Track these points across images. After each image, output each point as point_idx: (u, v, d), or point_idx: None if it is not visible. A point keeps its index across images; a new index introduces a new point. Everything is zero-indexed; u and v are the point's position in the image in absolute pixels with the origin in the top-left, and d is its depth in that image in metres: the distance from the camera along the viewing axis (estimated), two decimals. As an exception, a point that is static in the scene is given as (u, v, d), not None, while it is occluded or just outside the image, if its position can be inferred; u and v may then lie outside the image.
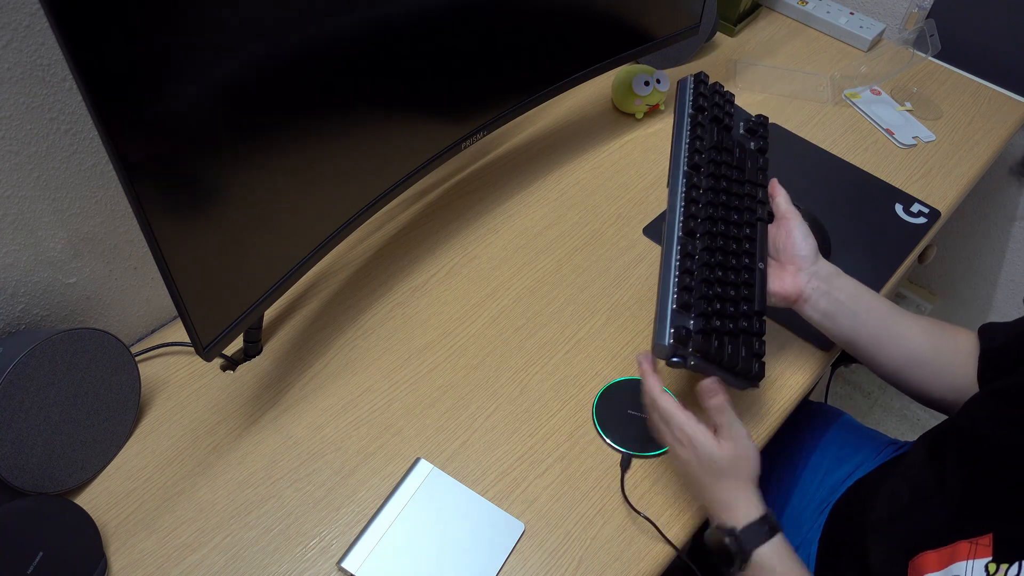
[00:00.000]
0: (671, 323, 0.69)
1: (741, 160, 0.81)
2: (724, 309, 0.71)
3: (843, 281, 0.76)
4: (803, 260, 0.75)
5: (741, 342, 0.71)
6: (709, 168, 0.78)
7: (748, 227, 0.77)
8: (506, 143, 1.12)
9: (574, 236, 0.99)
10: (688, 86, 0.84)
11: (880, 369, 0.78)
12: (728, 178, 0.79)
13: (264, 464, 0.77)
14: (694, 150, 0.79)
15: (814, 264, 0.76)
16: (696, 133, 0.80)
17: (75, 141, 0.70)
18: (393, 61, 0.75)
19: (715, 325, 0.70)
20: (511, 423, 0.81)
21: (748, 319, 0.72)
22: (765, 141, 0.85)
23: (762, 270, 0.75)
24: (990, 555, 0.56)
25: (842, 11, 1.33)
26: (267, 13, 0.60)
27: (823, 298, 0.75)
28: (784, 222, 0.77)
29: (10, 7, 0.60)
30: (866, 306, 0.75)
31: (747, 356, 0.71)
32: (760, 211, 0.78)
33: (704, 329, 0.69)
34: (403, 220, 1.01)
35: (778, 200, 0.79)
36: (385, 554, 0.71)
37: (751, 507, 0.66)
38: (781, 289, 0.75)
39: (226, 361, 0.85)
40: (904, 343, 0.75)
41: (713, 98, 0.83)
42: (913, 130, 1.16)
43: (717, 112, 0.83)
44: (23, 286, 0.74)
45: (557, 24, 0.92)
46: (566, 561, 0.72)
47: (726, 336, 0.70)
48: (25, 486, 0.69)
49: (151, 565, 0.70)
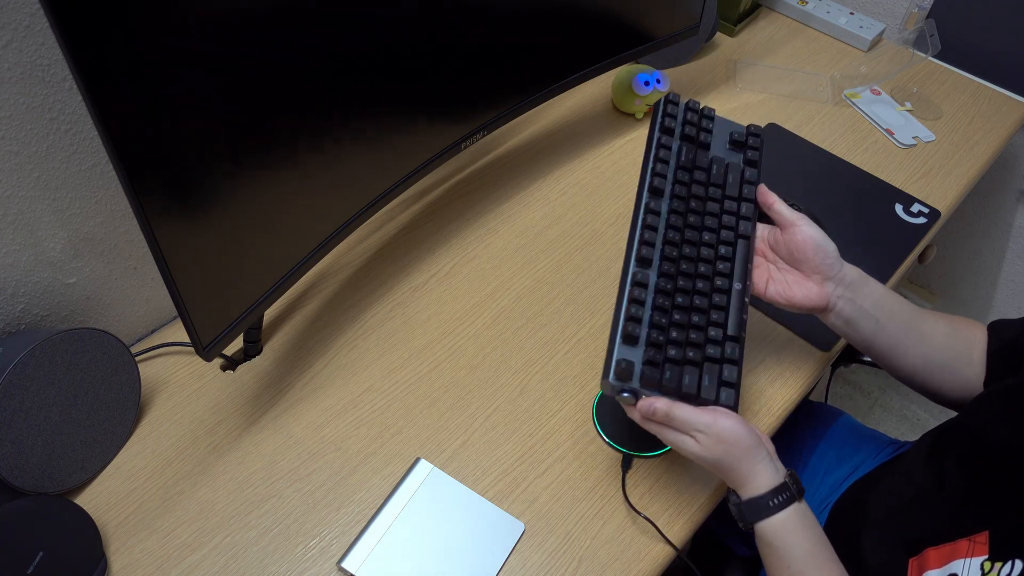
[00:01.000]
0: (615, 357, 0.66)
1: (719, 176, 0.77)
2: (681, 337, 0.68)
3: (869, 287, 0.73)
4: (828, 267, 0.71)
5: (704, 371, 0.67)
6: (672, 190, 0.75)
7: (725, 246, 0.73)
8: (506, 143, 1.12)
9: (574, 236, 0.99)
10: (658, 109, 0.80)
11: (897, 372, 0.77)
12: (699, 197, 0.75)
13: (264, 464, 0.77)
14: (655, 174, 0.76)
15: (840, 270, 0.72)
16: (659, 156, 0.77)
17: (75, 141, 0.70)
18: (393, 61, 0.75)
19: (669, 355, 0.66)
20: (511, 423, 0.81)
21: (717, 345, 0.68)
22: (755, 151, 0.79)
23: (739, 291, 0.71)
24: (986, 553, 0.56)
25: (842, 11, 1.33)
26: (267, 13, 0.60)
27: (848, 305, 0.72)
28: (793, 229, 0.72)
29: (10, 7, 0.61)
30: (888, 311, 0.73)
31: (710, 386, 0.66)
32: (743, 227, 0.74)
33: (653, 360, 0.66)
34: (403, 220, 1.01)
35: (776, 208, 0.74)
36: (385, 554, 0.71)
37: (759, 480, 0.64)
38: (807, 300, 0.72)
39: (226, 361, 0.85)
40: (923, 347, 0.74)
41: (685, 116, 0.80)
42: (913, 130, 1.16)
43: (689, 130, 0.79)
44: (23, 286, 0.74)
45: (557, 24, 0.92)
46: (566, 561, 0.72)
47: (685, 365, 0.67)
48: (25, 486, 0.69)
49: (151, 565, 0.70)
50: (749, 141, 0.80)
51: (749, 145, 0.80)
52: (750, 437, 0.65)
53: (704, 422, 0.64)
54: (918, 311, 0.75)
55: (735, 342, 0.68)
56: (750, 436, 0.65)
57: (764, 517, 0.64)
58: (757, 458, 0.65)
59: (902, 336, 0.74)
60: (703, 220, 0.74)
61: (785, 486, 0.64)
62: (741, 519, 0.66)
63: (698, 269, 0.72)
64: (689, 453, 0.65)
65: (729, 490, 0.67)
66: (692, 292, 0.70)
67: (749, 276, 0.73)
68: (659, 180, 0.75)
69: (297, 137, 0.69)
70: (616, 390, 0.66)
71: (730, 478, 0.66)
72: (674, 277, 0.71)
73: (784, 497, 0.64)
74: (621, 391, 0.66)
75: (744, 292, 0.71)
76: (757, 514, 0.64)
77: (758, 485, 0.64)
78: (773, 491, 0.64)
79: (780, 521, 0.64)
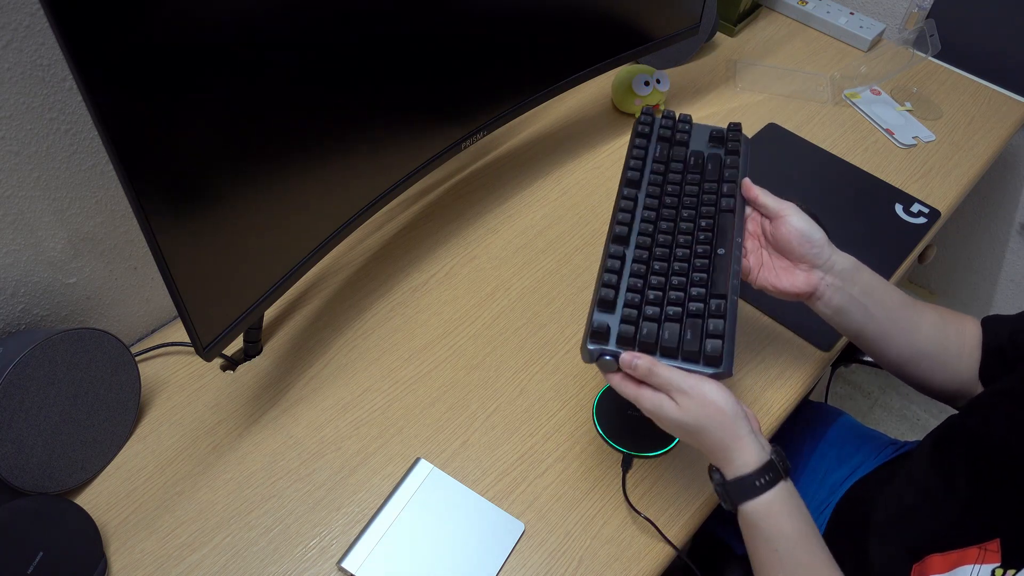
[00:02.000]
0: (593, 322, 0.66)
1: (697, 165, 0.79)
2: (658, 298, 0.68)
3: (861, 275, 0.72)
4: (815, 256, 0.71)
5: (685, 325, 0.66)
6: (648, 179, 0.78)
7: (706, 219, 0.74)
8: (506, 143, 1.12)
9: (574, 236, 0.99)
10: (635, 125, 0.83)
11: (885, 361, 0.76)
12: (675, 183, 0.77)
13: (264, 464, 0.77)
14: (630, 168, 0.78)
15: (829, 258, 0.71)
16: (634, 155, 0.80)
17: (75, 141, 0.70)
18: (393, 61, 0.75)
19: (647, 313, 0.66)
20: (511, 423, 0.81)
21: (699, 301, 0.68)
22: (735, 143, 0.81)
23: (722, 255, 0.71)
24: (998, 561, 0.55)
25: (842, 11, 1.33)
26: (268, 14, 0.60)
27: (837, 294, 0.71)
28: (779, 220, 0.72)
29: (10, 7, 0.61)
30: (877, 299, 0.72)
31: (692, 339, 0.64)
32: (725, 203, 0.75)
33: (629, 318, 0.66)
34: (403, 220, 1.01)
35: (761, 200, 0.74)
36: (385, 554, 0.71)
37: (744, 454, 0.62)
38: (792, 287, 0.71)
39: (226, 361, 0.85)
40: (911, 337, 0.73)
41: (660, 122, 0.83)
42: (913, 130, 1.16)
43: (664, 133, 0.82)
44: (23, 286, 0.74)
45: (557, 24, 0.92)
46: (566, 561, 0.72)
47: (665, 322, 0.66)
48: (25, 486, 0.69)
49: (151, 565, 0.70)
50: (729, 135, 0.82)
51: (730, 139, 0.81)
52: (735, 407, 0.62)
53: (688, 383, 0.62)
54: (909, 301, 0.75)
55: (720, 299, 0.68)
56: (735, 406, 0.63)
57: (751, 498, 0.61)
58: (741, 430, 0.62)
59: (890, 326, 0.73)
60: (680, 200, 0.76)
61: (771, 464, 0.62)
62: (725, 499, 0.63)
63: (676, 240, 0.73)
64: (668, 418, 0.63)
65: (711, 468, 0.65)
66: (671, 259, 0.71)
67: (737, 246, 0.72)
68: (633, 173, 0.78)
69: (297, 137, 0.69)
70: (594, 355, 0.65)
71: (712, 449, 0.63)
72: (650, 249, 0.72)
73: (771, 476, 0.61)
74: (600, 355, 0.64)
75: (729, 256, 0.71)
76: (743, 495, 0.62)
77: (744, 462, 0.62)
78: (760, 470, 0.61)
79: (767, 502, 0.61)
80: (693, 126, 0.83)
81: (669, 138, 0.82)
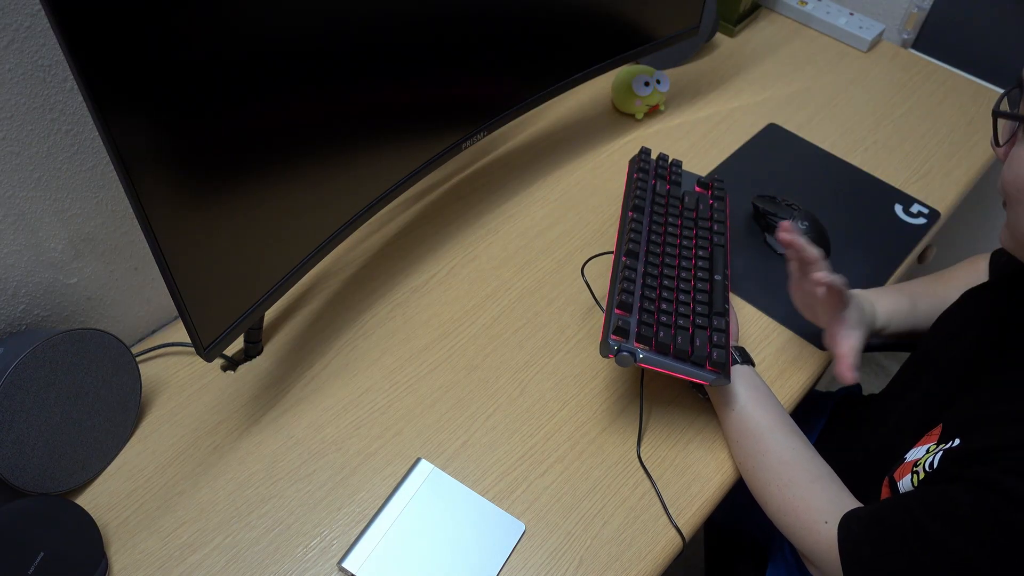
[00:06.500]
0: (612, 321, 0.73)
1: (691, 203, 0.90)
2: (670, 308, 0.77)
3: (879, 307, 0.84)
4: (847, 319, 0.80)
5: (694, 334, 0.74)
6: (652, 207, 0.88)
7: (703, 249, 0.84)
8: (506, 143, 1.12)
9: (574, 236, 0.99)
10: (634, 161, 0.94)
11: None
12: (675, 214, 0.88)
13: (265, 464, 0.77)
14: (635, 196, 0.88)
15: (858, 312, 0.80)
16: (637, 184, 0.90)
17: (76, 142, 0.70)
18: (393, 61, 0.75)
19: (661, 319, 0.75)
20: (511, 423, 0.81)
21: (704, 317, 0.77)
22: (720, 190, 0.93)
23: (719, 280, 0.81)
24: (935, 441, 0.64)
25: (842, 11, 1.33)
26: (268, 14, 0.60)
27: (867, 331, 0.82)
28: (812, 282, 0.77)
29: (11, 7, 0.61)
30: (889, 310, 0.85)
31: (702, 346, 0.73)
32: (717, 239, 0.86)
33: (647, 321, 0.74)
34: (403, 221, 1.01)
35: (807, 252, 0.76)
36: (386, 554, 0.71)
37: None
38: (840, 351, 0.79)
39: (227, 361, 0.85)
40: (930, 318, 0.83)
41: (657, 162, 0.95)
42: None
43: (661, 172, 0.94)
44: (24, 286, 0.74)
45: (557, 25, 0.92)
46: (566, 561, 0.72)
47: (678, 329, 0.75)
48: (26, 486, 0.69)
49: (152, 565, 0.70)
50: (714, 184, 0.94)
51: (715, 187, 0.94)
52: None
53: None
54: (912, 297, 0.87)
55: (721, 316, 0.78)
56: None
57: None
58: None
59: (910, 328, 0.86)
60: (680, 231, 0.87)
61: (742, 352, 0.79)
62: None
63: (680, 263, 0.83)
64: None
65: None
66: (677, 278, 0.81)
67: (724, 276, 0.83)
68: (639, 201, 0.88)
69: (298, 138, 0.69)
70: (614, 348, 0.71)
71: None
72: (659, 267, 0.82)
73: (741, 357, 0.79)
74: (619, 350, 0.71)
75: (724, 281, 0.82)
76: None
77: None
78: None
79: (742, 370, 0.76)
80: (682, 172, 0.96)
81: (665, 177, 0.93)
